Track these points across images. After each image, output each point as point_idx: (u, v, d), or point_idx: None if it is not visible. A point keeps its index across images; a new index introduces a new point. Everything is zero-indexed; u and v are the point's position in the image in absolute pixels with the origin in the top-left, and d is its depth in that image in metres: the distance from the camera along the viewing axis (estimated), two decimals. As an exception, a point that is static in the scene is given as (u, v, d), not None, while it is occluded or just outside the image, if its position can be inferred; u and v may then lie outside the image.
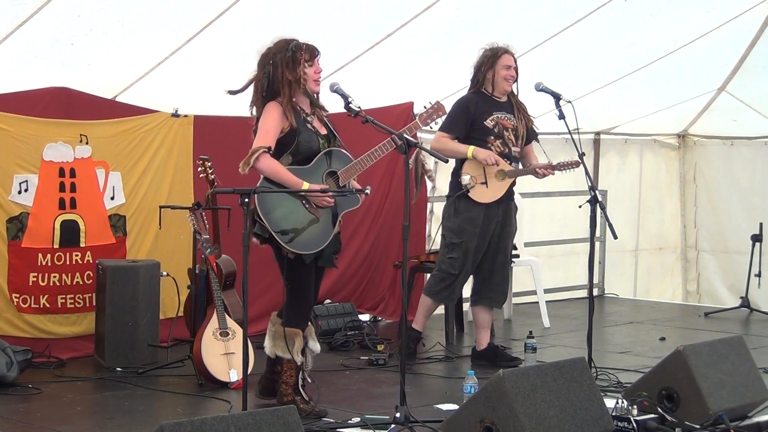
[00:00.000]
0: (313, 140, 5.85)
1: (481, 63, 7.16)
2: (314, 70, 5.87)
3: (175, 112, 7.81)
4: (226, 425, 4.15)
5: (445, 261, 7.12)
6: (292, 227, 5.74)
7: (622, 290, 11.18)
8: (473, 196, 7.02)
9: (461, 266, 7.07)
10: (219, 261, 7.06)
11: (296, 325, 5.93)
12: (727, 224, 11.54)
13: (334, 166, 5.87)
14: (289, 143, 5.79)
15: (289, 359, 5.91)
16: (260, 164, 5.69)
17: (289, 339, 5.90)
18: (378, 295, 9.15)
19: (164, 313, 7.58)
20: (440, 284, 7.18)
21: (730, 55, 9.94)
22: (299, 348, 5.92)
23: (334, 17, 7.49)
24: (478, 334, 7.36)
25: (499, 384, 4.86)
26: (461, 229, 7.04)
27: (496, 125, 7.07)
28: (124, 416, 5.99)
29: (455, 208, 7.04)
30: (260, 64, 5.85)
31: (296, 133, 5.78)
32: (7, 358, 6.58)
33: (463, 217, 7.04)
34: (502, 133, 7.07)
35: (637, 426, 5.33)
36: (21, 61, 6.86)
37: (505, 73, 7.09)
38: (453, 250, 7.07)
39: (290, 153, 5.79)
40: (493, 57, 7.11)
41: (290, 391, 5.93)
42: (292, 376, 5.94)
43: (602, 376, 6.68)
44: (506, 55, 7.12)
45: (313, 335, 6.06)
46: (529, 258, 9.30)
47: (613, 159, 11.36)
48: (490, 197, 7.05)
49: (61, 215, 7.33)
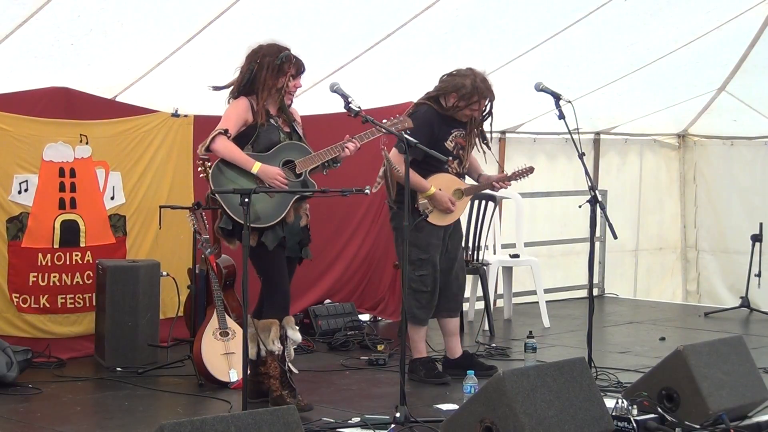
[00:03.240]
0: (275, 133, 6.01)
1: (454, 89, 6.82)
2: (294, 85, 6.06)
3: (175, 112, 7.81)
4: (226, 425, 4.15)
5: (416, 279, 6.82)
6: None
7: (622, 290, 11.18)
8: (433, 221, 6.83)
9: (432, 282, 6.86)
10: (219, 261, 7.06)
11: (272, 316, 5.99)
12: (727, 224, 11.54)
13: (291, 156, 5.99)
14: (250, 134, 5.97)
15: (270, 350, 5.94)
16: (216, 145, 5.88)
17: (265, 330, 5.94)
18: (378, 295, 9.15)
19: (164, 313, 7.58)
20: (416, 304, 6.86)
21: (729, 55, 9.94)
22: (275, 337, 5.97)
23: (335, 17, 7.49)
24: (448, 343, 7.10)
25: (499, 384, 4.86)
26: (427, 244, 6.83)
27: (455, 146, 6.93)
28: (124, 416, 5.99)
29: (417, 226, 6.82)
30: (247, 59, 6.03)
31: (258, 126, 5.96)
32: (7, 358, 6.58)
33: (427, 232, 6.88)
34: (459, 152, 6.94)
35: (637, 426, 5.32)
36: (21, 61, 6.86)
37: (469, 113, 6.87)
38: (422, 266, 6.84)
39: (251, 143, 5.96)
40: (470, 95, 6.78)
41: (277, 385, 5.95)
42: (276, 367, 5.96)
43: (602, 376, 6.68)
44: (483, 101, 6.83)
45: (292, 325, 6.07)
46: (528, 258, 9.30)
47: (613, 159, 11.36)
48: (449, 220, 6.90)
49: (61, 215, 7.33)
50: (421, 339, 6.98)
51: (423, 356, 6.98)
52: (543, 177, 10.27)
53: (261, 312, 6.07)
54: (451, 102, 6.85)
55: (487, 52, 8.52)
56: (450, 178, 6.89)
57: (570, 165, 10.27)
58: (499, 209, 9.30)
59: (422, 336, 6.99)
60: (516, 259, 9.24)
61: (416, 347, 6.97)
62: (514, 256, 9.27)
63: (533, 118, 9.99)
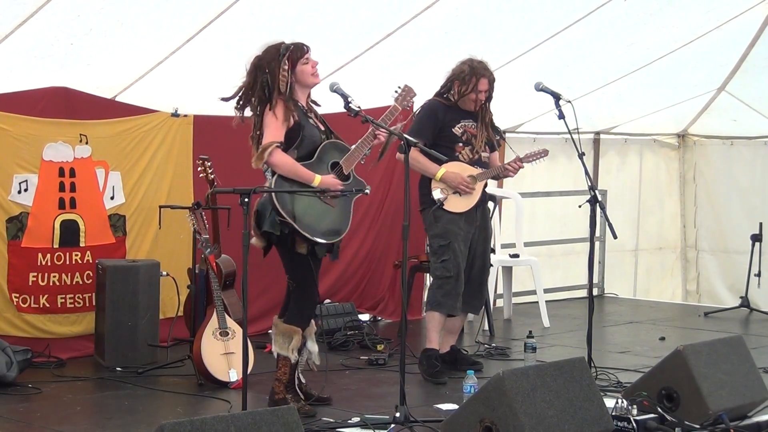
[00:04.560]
0: (316, 134, 5.93)
1: (455, 77, 6.98)
2: (311, 65, 5.93)
3: (175, 111, 7.81)
4: (225, 425, 4.15)
5: (438, 267, 6.91)
6: (314, 221, 5.79)
7: (622, 290, 11.18)
8: (449, 208, 6.87)
9: (455, 267, 6.89)
10: (219, 261, 7.06)
11: (297, 324, 5.94)
12: (726, 224, 11.54)
13: (334, 157, 5.93)
14: (294, 138, 5.84)
15: (285, 356, 5.92)
16: (274, 159, 5.74)
17: (286, 336, 5.92)
18: (378, 295, 9.15)
19: (164, 313, 7.58)
20: (440, 292, 6.93)
21: (729, 55, 9.95)
22: (296, 346, 5.93)
23: (334, 17, 7.49)
24: (443, 338, 7.16)
25: (498, 384, 4.86)
26: (446, 231, 6.89)
27: (464, 133, 6.97)
28: (124, 416, 5.99)
29: (435, 216, 6.90)
30: (251, 72, 5.87)
31: (300, 128, 5.84)
32: (7, 358, 6.58)
33: (446, 220, 6.91)
34: (471, 140, 6.96)
35: (637, 426, 5.32)
36: (21, 61, 6.85)
37: (475, 97, 6.93)
38: (443, 253, 6.89)
39: (295, 147, 5.85)
40: (469, 77, 6.92)
41: (282, 388, 5.94)
42: (286, 373, 5.96)
43: (602, 376, 6.68)
44: (483, 80, 6.93)
45: (312, 336, 6.06)
46: (528, 258, 9.30)
47: (612, 159, 11.37)
48: (465, 205, 6.92)
49: (60, 215, 7.33)
50: (435, 329, 6.97)
51: (433, 348, 6.97)
52: (543, 177, 10.29)
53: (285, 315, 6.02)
54: (455, 90, 6.95)
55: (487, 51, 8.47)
56: (461, 166, 6.93)
57: (570, 165, 10.27)
58: (498, 209, 9.29)
59: (436, 326, 6.97)
60: (516, 259, 9.24)
61: (429, 336, 7.00)
62: (513, 255, 9.26)
63: (533, 118, 9.99)
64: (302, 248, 5.81)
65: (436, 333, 6.99)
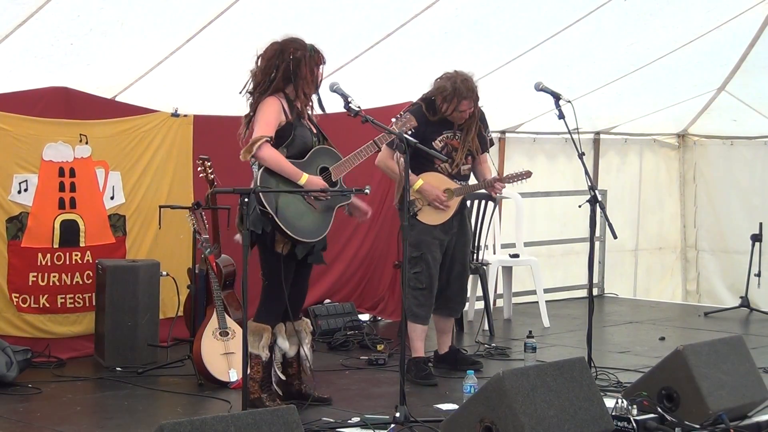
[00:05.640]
0: (307, 136, 5.97)
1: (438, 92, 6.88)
2: (319, 75, 5.98)
3: (175, 111, 7.81)
4: (225, 425, 4.15)
5: (412, 278, 6.86)
6: (292, 216, 5.81)
7: (622, 290, 11.18)
8: (423, 219, 6.86)
9: (427, 279, 6.88)
10: (219, 261, 7.06)
11: (266, 321, 5.98)
12: (727, 224, 11.55)
13: (325, 162, 5.98)
14: (285, 136, 5.89)
15: (257, 354, 5.94)
16: (262, 153, 5.77)
17: (256, 334, 5.94)
18: (377, 295, 9.15)
19: (164, 313, 7.58)
20: (415, 302, 6.91)
21: (729, 55, 9.94)
22: (266, 344, 5.96)
23: (335, 17, 7.49)
24: (439, 339, 7.23)
25: (498, 384, 4.86)
26: (419, 242, 6.86)
27: (444, 146, 6.91)
28: (124, 416, 5.99)
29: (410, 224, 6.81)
30: (269, 56, 5.88)
31: (293, 127, 5.89)
32: (7, 358, 6.58)
33: (419, 230, 6.89)
34: (451, 153, 6.92)
35: (637, 426, 5.32)
36: (21, 61, 6.85)
37: (457, 116, 6.89)
38: (416, 264, 6.87)
39: (285, 146, 5.89)
40: (451, 97, 6.82)
41: (256, 387, 5.95)
42: (259, 372, 5.96)
43: (602, 375, 6.68)
44: (464, 102, 6.84)
45: (282, 334, 6.06)
46: (528, 258, 9.30)
47: (612, 159, 11.37)
48: (440, 219, 6.90)
49: (60, 215, 7.33)
50: (419, 338, 6.98)
51: (418, 356, 6.98)
52: (543, 177, 10.28)
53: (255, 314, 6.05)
54: (438, 105, 6.90)
55: (487, 51, 8.52)
56: (440, 178, 6.91)
57: (570, 165, 10.27)
58: (498, 209, 9.30)
59: (420, 335, 6.99)
60: (516, 259, 9.23)
61: (413, 346, 6.97)
62: (513, 255, 9.26)
63: (533, 118, 9.99)
64: (281, 248, 5.83)
65: (421, 342, 7.00)
